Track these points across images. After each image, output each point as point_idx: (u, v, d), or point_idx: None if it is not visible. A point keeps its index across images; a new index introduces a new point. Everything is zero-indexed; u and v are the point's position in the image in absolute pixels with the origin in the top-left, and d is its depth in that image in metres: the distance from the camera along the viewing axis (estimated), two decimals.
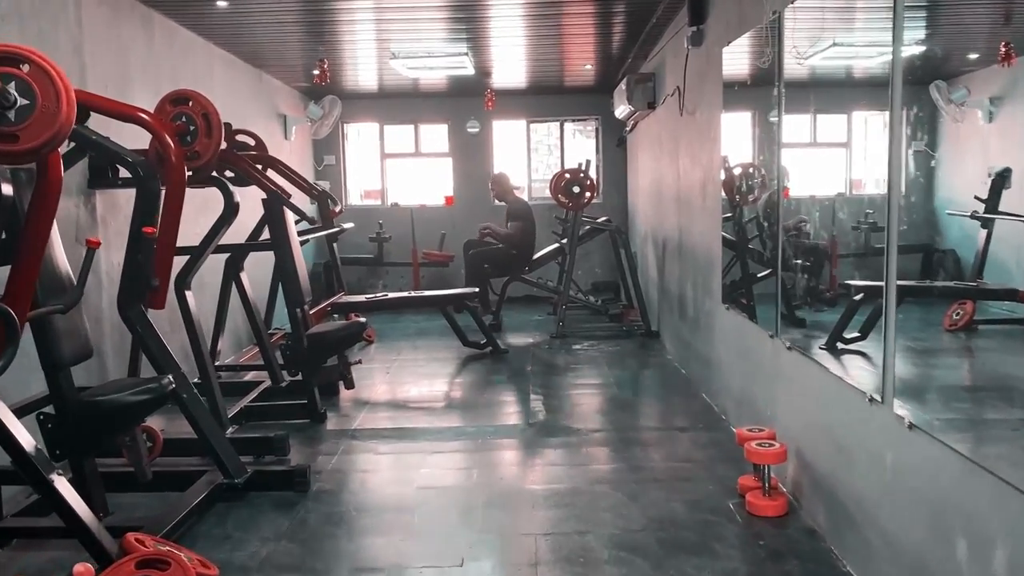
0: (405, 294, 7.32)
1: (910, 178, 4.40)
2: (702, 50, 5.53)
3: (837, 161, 4.57)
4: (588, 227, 8.13)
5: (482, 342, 7.21)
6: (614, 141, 10.34)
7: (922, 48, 3.98)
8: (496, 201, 9.01)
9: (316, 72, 7.96)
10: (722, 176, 5.10)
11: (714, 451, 4.54)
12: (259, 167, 5.59)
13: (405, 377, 6.57)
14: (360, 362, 5.60)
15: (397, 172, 10.88)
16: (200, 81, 6.81)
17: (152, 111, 4.09)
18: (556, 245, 8.65)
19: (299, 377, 5.38)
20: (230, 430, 4.87)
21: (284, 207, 5.11)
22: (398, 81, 9.19)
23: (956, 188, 4.08)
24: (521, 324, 8.74)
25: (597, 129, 10.64)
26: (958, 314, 3.88)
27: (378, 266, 10.28)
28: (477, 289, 7.25)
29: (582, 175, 7.65)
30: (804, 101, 4.91)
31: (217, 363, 6.55)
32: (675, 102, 6.53)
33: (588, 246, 9.23)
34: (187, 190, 4.56)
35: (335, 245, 7.79)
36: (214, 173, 4.74)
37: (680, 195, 6.47)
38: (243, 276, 5.77)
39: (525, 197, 10.66)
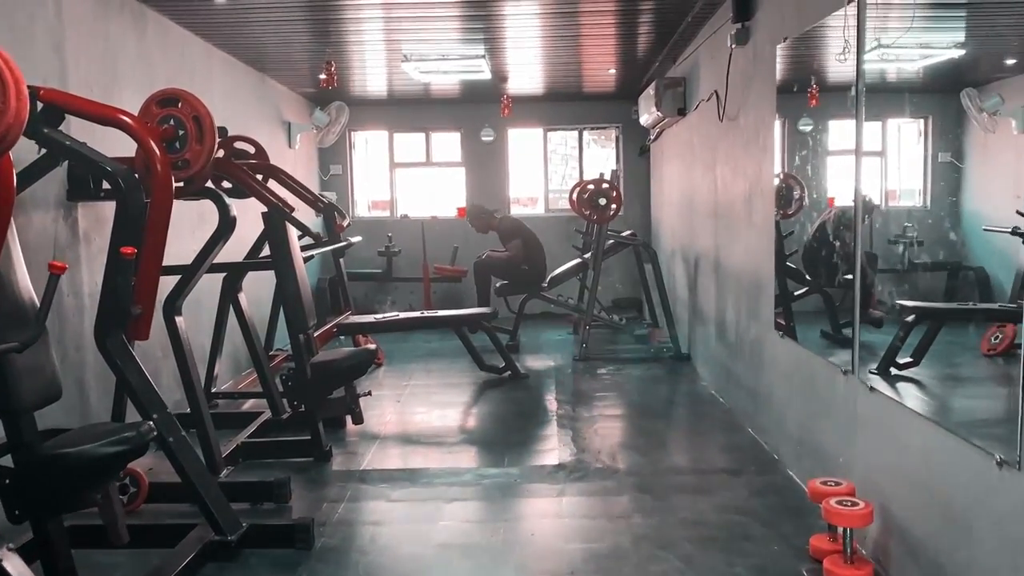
0: (416, 314, 6.80)
1: (934, 192, 3.93)
2: (748, 49, 5.01)
3: (871, 171, 4.17)
4: (612, 242, 7.59)
5: (500, 366, 6.68)
6: (635, 150, 9.82)
7: (957, 52, 3.56)
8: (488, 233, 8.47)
9: (323, 76, 7.48)
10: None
11: (772, 500, 3.99)
12: (259, 177, 5.09)
13: (417, 406, 6.04)
14: (370, 393, 5.08)
15: (407, 182, 10.38)
16: (198, 84, 6.32)
17: (137, 114, 3.59)
18: (578, 260, 8.11)
19: (302, 409, 4.86)
20: (224, 472, 4.35)
21: (286, 221, 4.60)
22: (409, 86, 8.70)
23: (986, 202, 3.60)
24: (539, 344, 8.20)
25: (617, 138, 10.12)
26: (997, 338, 3.45)
27: (387, 281, 9.76)
28: (492, 309, 6.70)
29: (607, 186, 7.12)
30: (840, 107, 4.46)
31: (214, 390, 6.06)
32: (712, 107, 6.01)
33: (608, 261, 8.68)
34: (179, 203, 4.07)
35: (342, 260, 7.28)
36: (208, 184, 4.24)
37: (718, 209, 5.94)
38: (241, 297, 5.26)
39: (541, 209, 10.16)
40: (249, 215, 4.95)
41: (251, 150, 5.19)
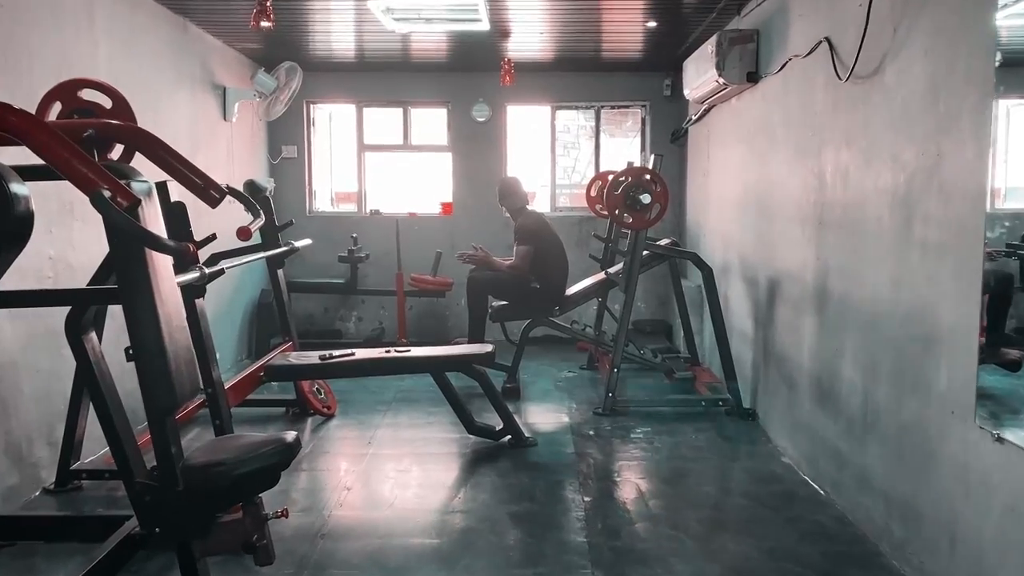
0: (379, 353, 4.81)
1: None
2: None
3: None
4: (646, 253, 5.64)
5: (497, 428, 4.76)
6: (665, 134, 7.89)
7: None
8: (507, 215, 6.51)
9: (264, 23, 5.54)
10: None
11: None
12: (120, 149, 3.13)
13: (374, 497, 4.10)
14: (285, 515, 3.10)
15: (379, 169, 8.39)
16: (67, 27, 4.37)
17: None
18: (600, 276, 6.16)
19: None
20: None
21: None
22: (383, 45, 6.75)
23: None
24: (545, 385, 6.27)
25: (643, 119, 8.17)
26: None
27: (351, 295, 7.80)
28: (490, 348, 4.75)
29: (649, 177, 5.18)
30: None
31: (74, 465, 4.14)
32: (814, 66, 4.12)
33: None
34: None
35: (280, 273, 5.35)
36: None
37: (826, 213, 4.04)
38: (90, 340, 3.29)
39: (547, 207, 8.22)
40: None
41: (106, 103, 3.22)
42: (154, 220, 2.82)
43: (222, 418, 4.04)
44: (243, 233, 3.64)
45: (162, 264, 2.80)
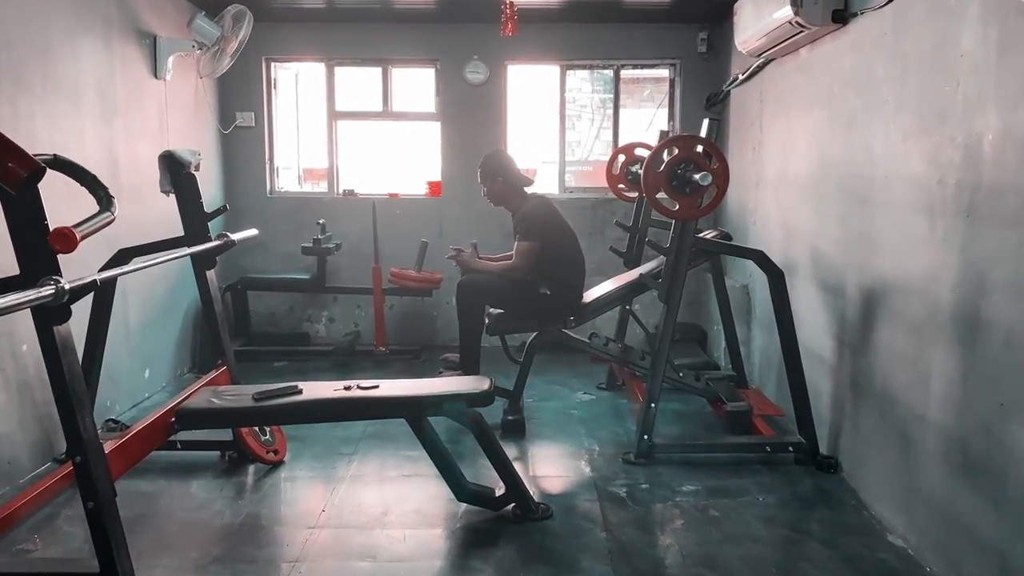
0: (337, 392, 3.46)
1: None
2: None
3: None
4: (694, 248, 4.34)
5: (497, 494, 3.51)
6: (700, 99, 6.56)
7: None
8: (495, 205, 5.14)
9: None
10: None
11: None
12: None
13: None
14: None
15: (354, 142, 7.06)
16: None
17: None
18: (632, 277, 4.86)
19: None
20: None
21: None
22: None
23: None
24: (556, 414, 5.01)
25: (672, 81, 6.84)
26: None
27: (319, 293, 6.51)
28: (487, 385, 3.46)
29: (702, 149, 3.86)
30: None
31: None
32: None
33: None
34: None
35: (211, 274, 4.07)
36: None
37: (973, 201, 2.75)
38: None
39: (555, 187, 6.91)
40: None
41: None
42: None
43: (97, 499, 2.76)
44: (61, 241, 2.24)
45: None
